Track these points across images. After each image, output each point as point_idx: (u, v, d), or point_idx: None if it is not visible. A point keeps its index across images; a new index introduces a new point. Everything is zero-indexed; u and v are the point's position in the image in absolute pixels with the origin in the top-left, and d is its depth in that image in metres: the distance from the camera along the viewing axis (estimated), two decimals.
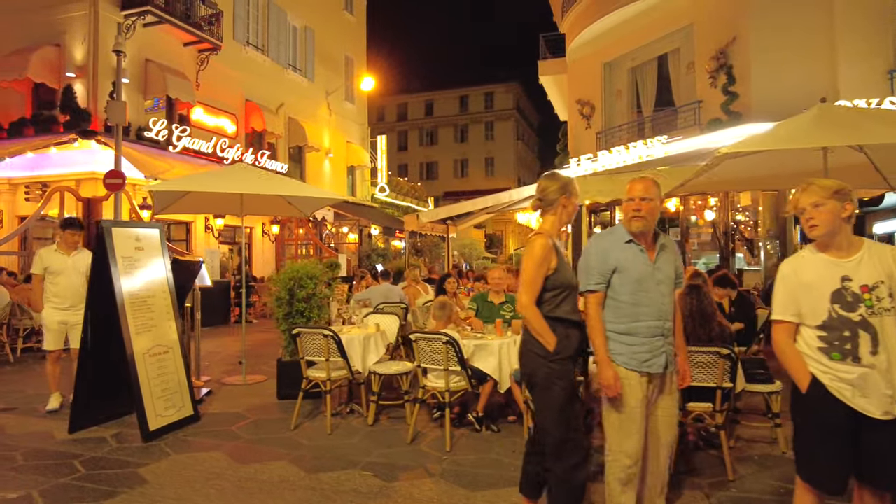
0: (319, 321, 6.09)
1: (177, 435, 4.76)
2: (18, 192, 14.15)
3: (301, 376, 5.79)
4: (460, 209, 12.85)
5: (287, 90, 20.49)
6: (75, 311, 5.51)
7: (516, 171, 55.06)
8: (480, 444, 4.58)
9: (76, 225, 5.54)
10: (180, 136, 14.80)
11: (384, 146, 27.21)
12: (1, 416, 5.37)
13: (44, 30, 14.07)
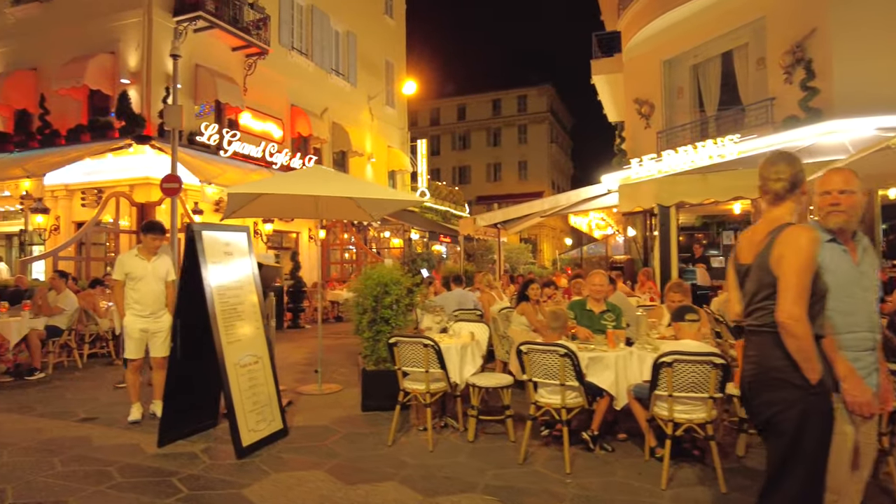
0: (404, 328, 5.79)
1: (270, 451, 4.49)
2: (75, 198, 14.27)
3: (388, 387, 5.52)
4: (517, 212, 12.50)
5: (330, 95, 20.42)
6: (156, 319, 5.32)
7: (550, 174, 54.53)
8: (599, 465, 4.21)
9: (158, 229, 5.35)
10: (231, 141, 14.77)
11: (424, 150, 27.01)
12: (84, 427, 5.19)
13: (99, 38, 14.21)
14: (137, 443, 4.70)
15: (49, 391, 6.69)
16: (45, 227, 13.96)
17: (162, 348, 5.36)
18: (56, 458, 4.33)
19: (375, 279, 5.67)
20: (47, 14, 15.10)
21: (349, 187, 6.34)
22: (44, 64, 14.80)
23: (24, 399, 6.26)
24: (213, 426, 5.10)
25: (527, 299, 6.36)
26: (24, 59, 15.15)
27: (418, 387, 4.71)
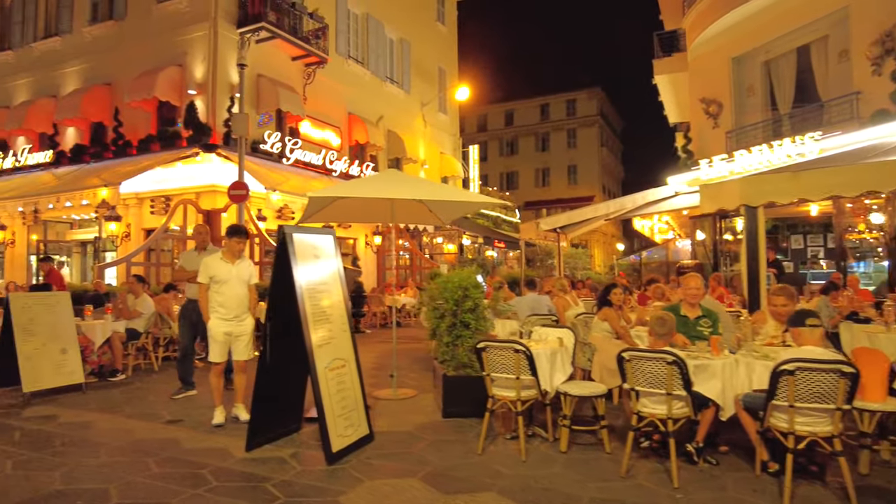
0: (485, 333, 5.65)
1: (358, 457, 4.41)
2: (144, 206, 14.76)
3: (469, 394, 5.39)
4: (581, 215, 12.21)
5: (385, 102, 20.58)
6: (239, 322, 5.34)
7: (600, 178, 53.67)
8: (706, 479, 3.94)
9: (242, 232, 5.38)
10: (293, 149, 15.03)
11: (476, 156, 26.92)
12: (171, 429, 5.24)
13: (168, 52, 14.70)
14: (225, 446, 4.69)
15: (132, 392, 6.83)
16: (118, 234, 14.47)
17: (245, 351, 5.39)
18: (150, 459, 4.36)
19: (456, 283, 5.54)
20: (121, 31, 15.74)
21: (428, 190, 6.26)
22: (117, 78, 15.43)
23: (110, 400, 6.41)
24: (296, 430, 5.07)
25: (609, 304, 6.11)
26: (99, 74, 15.83)
27: (508, 394, 4.54)
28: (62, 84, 16.50)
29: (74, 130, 16.10)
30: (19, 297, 6.44)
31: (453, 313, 5.61)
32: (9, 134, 16.72)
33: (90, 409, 5.94)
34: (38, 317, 6.50)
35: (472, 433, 5.03)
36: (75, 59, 16.42)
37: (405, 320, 15.73)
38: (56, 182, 13.73)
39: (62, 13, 16.76)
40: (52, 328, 6.60)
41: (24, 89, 17.29)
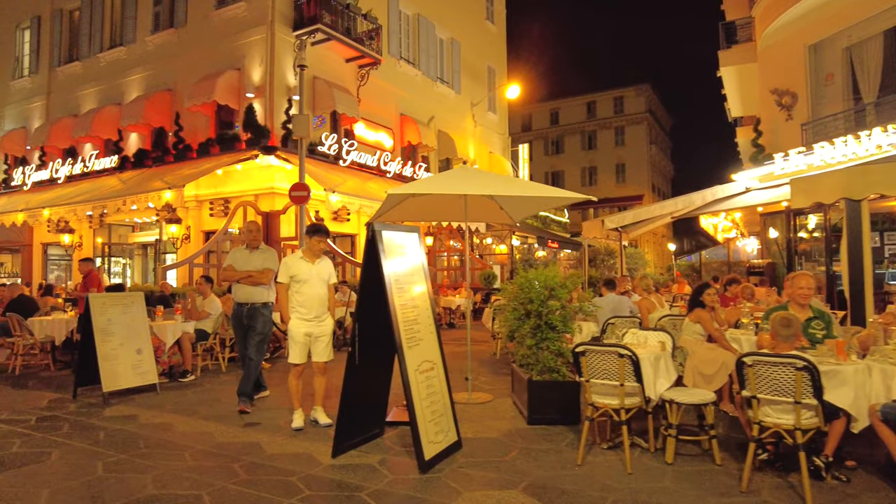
0: (572, 335, 5.36)
1: (450, 465, 4.18)
2: (203, 209, 15.00)
3: (557, 400, 5.12)
4: (648, 213, 11.73)
5: (436, 103, 20.44)
6: (319, 322, 5.20)
7: (650, 177, 52.46)
8: (840, 498, 3.54)
9: (324, 231, 5.24)
10: (349, 151, 15.02)
11: (526, 155, 26.52)
12: (251, 432, 5.13)
13: (227, 56, 14.91)
14: (309, 452, 4.54)
15: (204, 394, 6.80)
16: (178, 237, 14.74)
17: (325, 353, 5.24)
18: (236, 465, 4.24)
19: (542, 282, 5.26)
20: (181, 38, 16.08)
21: (506, 185, 6.00)
22: (178, 84, 15.76)
23: (184, 401, 6.38)
24: (379, 435, 4.89)
25: (702, 305, 5.72)
26: (161, 81, 16.21)
27: (610, 401, 4.24)
28: (126, 91, 16.97)
29: (137, 136, 16.52)
30: (98, 297, 6.50)
31: (538, 314, 5.32)
32: (77, 141, 17.29)
33: (167, 411, 5.91)
34: (116, 317, 6.54)
35: (564, 442, 4.75)
36: (138, 67, 16.87)
37: (459, 321, 15.51)
38: (122, 186, 14.08)
39: (126, 24, 17.25)
40: (128, 329, 6.63)
41: (91, 98, 17.87)
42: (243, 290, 5.97)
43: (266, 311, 6.05)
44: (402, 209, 6.77)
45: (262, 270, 5.99)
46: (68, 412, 5.87)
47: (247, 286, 5.96)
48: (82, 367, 6.51)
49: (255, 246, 6.12)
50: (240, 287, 6.00)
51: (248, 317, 5.95)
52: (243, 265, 5.98)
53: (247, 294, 5.97)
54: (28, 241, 19.25)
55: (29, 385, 7.48)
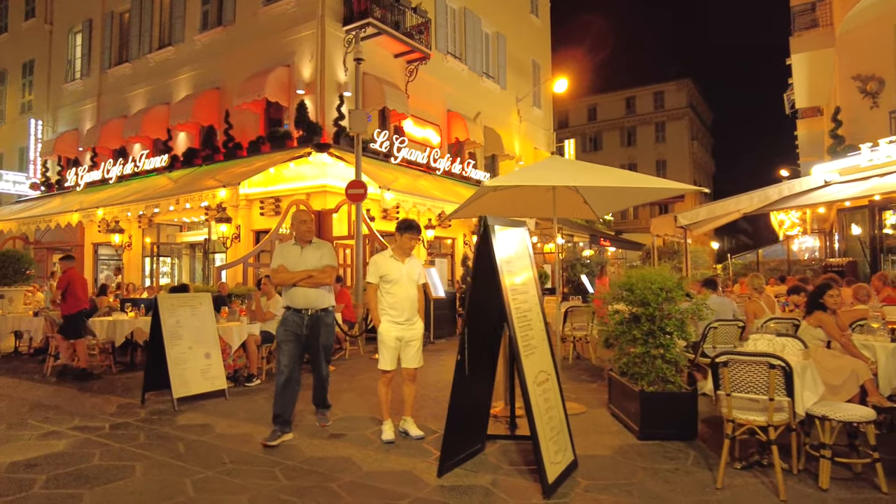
0: (689, 340, 4.83)
1: (573, 489, 3.70)
2: (253, 208, 14.82)
3: (672, 413, 4.61)
4: (723, 209, 11.05)
5: (482, 98, 19.97)
6: (410, 326, 4.79)
7: (691, 173, 51.14)
8: None
9: (416, 228, 4.83)
10: (400, 148, 14.67)
11: (572, 150, 25.83)
12: (339, 445, 4.74)
13: (276, 53, 14.71)
14: (409, 469, 4.12)
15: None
16: (228, 236, 14.59)
17: (415, 358, 4.83)
18: (334, 485, 3.84)
19: (659, 283, 4.74)
20: (229, 36, 15.96)
21: (608, 177, 5.48)
22: (226, 82, 15.64)
23: (256, 408, 6.04)
24: (481, 451, 4.44)
25: (822, 308, 5.13)
26: (209, 79, 16.13)
27: (755, 417, 3.70)
28: (175, 91, 16.95)
29: (186, 135, 16.48)
30: (167, 298, 6.22)
31: (651, 318, 4.80)
32: (127, 141, 17.36)
33: (242, 419, 5.58)
34: (184, 319, 6.25)
35: (688, 460, 4.24)
36: (187, 66, 16.84)
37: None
38: (173, 185, 13.99)
39: (175, 24, 17.24)
40: (197, 331, 6.34)
41: (141, 98, 17.94)
42: (301, 293, 4.94)
43: (329, 319, 5.15)
44: (482, 204, 6.32)
45: (323, 269, 4.99)
46: (140, 419, 5.58)
47: (306, 289, 4.93)
48: (150, 372, 6.23)
49: (307, 240, 5.07)
50: (296, 291, 4.95)
51: (310, 326, 4.96)
52: (297, 264, 4.96)
53: (307, 298, 4.94)
54: (79, 241, 19.44)
55: (94, 388, 7.28)
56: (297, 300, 4.98)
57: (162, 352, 6.04)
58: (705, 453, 4.39)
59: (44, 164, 20.38)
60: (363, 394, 6.65)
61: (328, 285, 5.12)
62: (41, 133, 20.71)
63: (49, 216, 15.85)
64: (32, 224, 16.42)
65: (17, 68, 22.73)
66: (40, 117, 20.98)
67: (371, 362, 9.17)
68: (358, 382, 7.44)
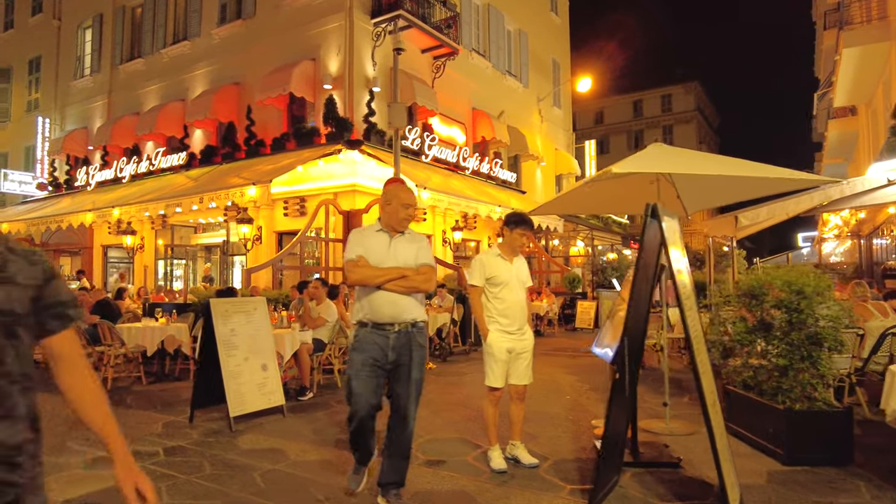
0: (842, 350, 4.19)
1: None
2: (276, 208, 14.13)
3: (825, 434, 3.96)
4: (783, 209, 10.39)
5: (505, 97, 19.38)
6: (522, 336, 4.14)
7: None
8: None
9: (528, 222, 4.18)
10: (431, 145, 14.05)
11: (593, 152, 25.25)
12: (443, 475, 4.06)
13: (300, 46, 14.08)
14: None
15: (336, 416, 5.78)
16: (249, 238, 13.90)
17: (526, 374, 4.18)
18: None
19: (813, 286, 4.09)
20: (249, 30, 15.33)
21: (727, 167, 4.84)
22: (246, 78, 15.00)
23: (323, 428, 5.36)
24: (618, 482, 3.78)
25: None
26: (227, 74, 15.48)
27: None
28: (191, 87, 16.30)
29: (203, 132, 15.82)
30: (220, 304, 5.53)
31: (798, 326, 4.15)
32: (140, 139, 16.70)
33: (312, 442, 4.90)
34: (239, 327, 5.57)
35: (867, 493, 3.59)
36: (204, 61, 16.20)
37: (546, 329, 14.37)
38: (193, 183, 13.30)
39: (191, 18, 16.60)
40: (252, 340, 5.66)
41: (154, 95, 17.28)
42: (388, 301, 3.35)
43: (423, 338, 3.55)
44: (569, 200, 5.67)
45: (420, 269, 3.42)
46: (195, 442, 4.90)
47: (395, 295, 3.35)
48: (200, 386, 5.55)
49: (401, 230, 3.52)
50: (381, 297, 3.35)
51: (398, 349, 3.37)
52: (383, 258, 3.40)
53: (396, 308, 3.36)
54: (88, 243, 18.73)
55: (128, 402, 6.59)
56: (381, 310, 3.34)
57: (212, 364, 5.37)
58: (878, 484, 3.74)
59: (51, 164, 19.67)
60: (438, 409, 5.99)
61: (428, 292, 4.03)
62: (48, 131, 20.01)
63: (61, 216, 15.15)
64: (42, 225, 15.72)
65: (23, 65, 22.05)
66: (48, 115, 20.30)
67: None
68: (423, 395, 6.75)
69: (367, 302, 3.41)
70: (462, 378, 7.93)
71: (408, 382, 3.42)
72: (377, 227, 3.55)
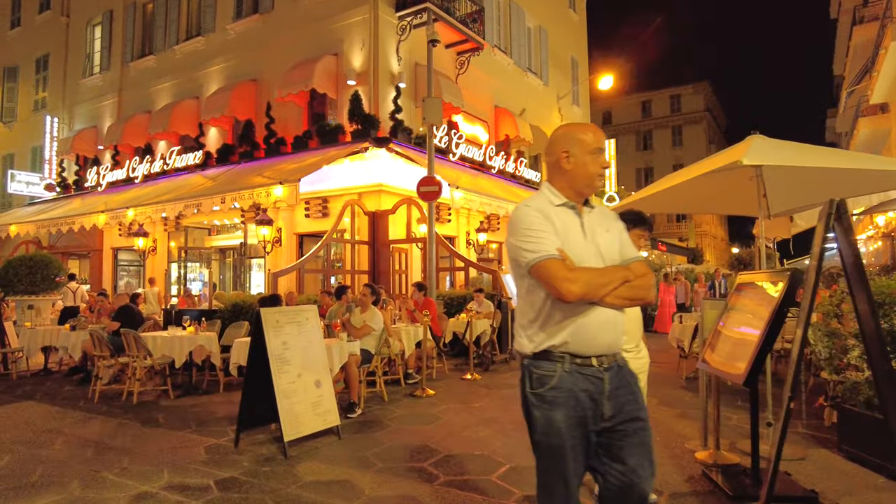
0: None
1: None
2: (296, 209, 13.57)
3: None
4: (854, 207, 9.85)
5: (527, 94, 18.86)
6: (638, 353, 3.57)
7: None
8: None
9: (647, 222, 3.61)
10: (458, 143, 13.51)
11: (613, 151, 24.66)
12: None
13: (321, 41, 13.57)
14: None
15: (399, 437, 5.22)
16: (269, 240, 13.36)
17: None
18: None
19: None
20: (266, 24, 14.82)
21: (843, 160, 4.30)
22: (264, 73, 14.49)
23: (389, 453, 4.79)
24: None
25: None
26: (243, 71, 14.96)
27: None
28: (205, 84, 15.77)
29: (219, 131, 15.29)
30: (271, 312, 4.97)
31: None
32: (152, 138, 16.17)
33: (382, 471, 4.33)
34: (291, 339, 5.01)
35: None
36: (218, 58, 15.67)
37: None
38: (211, 183, 12.76)
39: (205, 13, 16.08)
40: (305, 353, 5.10)
41: (166, 93, 16.75)
42: (607, 321, 2.08)
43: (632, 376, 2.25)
44: (665, 196, 5.13)
45: (634, 266, 2.13)
46: (247, 472, 4.33)
47: (612, 311, 2.08)
48: (246, 406, 4.99)
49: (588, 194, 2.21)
50: (598, 315, 2.06)
51: (618, 393, 2.07)
52: (584, 251, 2.08)
53: (616, 331, 2.12)
54: (98, 245, 18.18)
55: (159, 420, 6.03)
56: (596, 336, 2.06)
57: (258, 380, 4.82)
58: None
59: (59, 164, 19.13)
60: (506, 429, 5.42)
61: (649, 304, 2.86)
62: (56, 131, 19.47)
63: (72, 218, 14.61)
64: (53, 227, 15.18)
65: (29, 64, 21.53)
66: (55, 114, 19.76)
67: (464, 383, 7.97)
68: (478, 412, 6.21)
69: (566, 324, 2.03)
70: (515, 391, 7.33)
71: (643, 449, 2.05)
72: (555, 197, 2.14)
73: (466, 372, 8.41)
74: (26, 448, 5.00)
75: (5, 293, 9.92)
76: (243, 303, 8.77)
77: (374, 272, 12.16)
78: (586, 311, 2.03)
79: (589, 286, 1.97)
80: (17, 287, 9.85)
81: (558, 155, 2.17)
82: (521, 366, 2.13)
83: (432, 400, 6.83)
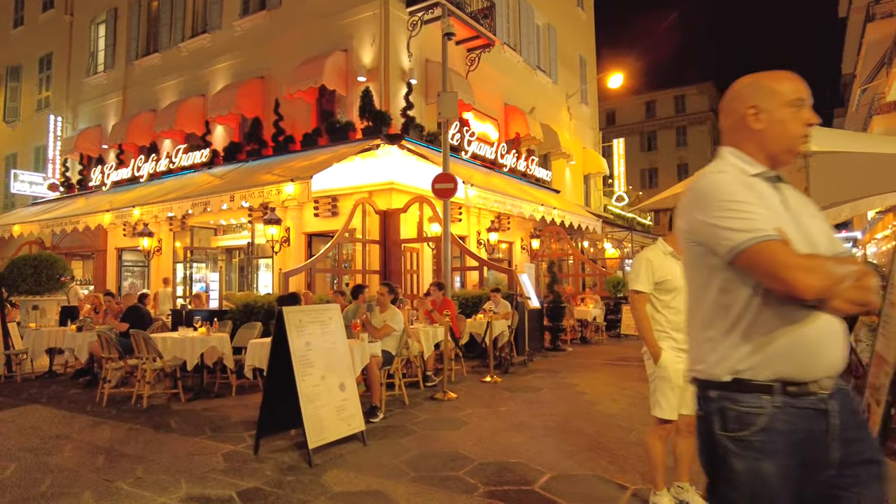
0: None
1: None
2: (305, 208, 13.31)
3: None
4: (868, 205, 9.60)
5: (536, 93, 18.60)
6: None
7: None
8: None
9: None
10: (470, 141, 13.25)
11: (622, 150, 24.44)
12: None
13: (330, 37, 13.30)
14: None
15: (427, 444, 4.94)
16: (277, 239, 13.09)
17: None
18: None
19: None
20: (274, 21, 14.56)
21: None
22: (271, 70, 14.24)
23: (417, 460, 4.52)
24: None
25: None
26: (251, 68, 14.70)
27: None
28: (211, 81, 15.52)
29: (226, 128, 15.04)
30: (294, 312, 4.70)
31: None
32: (158, 136, 15.92)
33: (414, 480, 4.06)
34: (314, 340, 4.75)
35: None
36: (225, 55, 15.42)
37: (592, 335, 13.54)
38: (219, 182, 12.50)
39: (211, 10, 15.83)
40: (329, 355, 4.83)
41: (171, 91, 16.51)
42: (832, 334, 1.49)
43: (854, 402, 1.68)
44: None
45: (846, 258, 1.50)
46: (271, 482, 4.07)
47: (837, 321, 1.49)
48: (267, 411, 4.72)
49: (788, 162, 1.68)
50: (820, 325, 1.46)
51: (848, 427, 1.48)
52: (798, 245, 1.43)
53: (843, 348, 1.51)
54: (102, 246, 17.92)
55: (172, 425, 5.76)
56: (818, 354, 1.48)
57: (278, 383, 4.56)
58: None
59: (63, 164, 18.87)
60: (537, 435, 5.15)
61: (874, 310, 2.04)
62: (60, 130, 19.22)
63: (76, 217, 14.35)
64: (57, 226, 14.92)
65: (33, 63, 21.29)
66: (59, 113, 19.51)
67: (485, 386, 7.70)
68: (506, 416, 5.94)
69: (779, 335, 1.47)
70: (540, 395, 7.10)
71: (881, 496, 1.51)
72: (748, 165, 1.60)
73: (485, 374, 8.14)
74: (34, 455, 4.74)
75: (9, 293, 9.65)
76: (254, 303, 8.51)
77: (385, 272, 11.89)
78: (807, 317, 1.45)
79: (831, 279, 1.35)
80: (22, 287, 9.57)
81: (743, 112, 1.63)
82: (702, 397, 1.57)
83: (455, 404, 6.56)
